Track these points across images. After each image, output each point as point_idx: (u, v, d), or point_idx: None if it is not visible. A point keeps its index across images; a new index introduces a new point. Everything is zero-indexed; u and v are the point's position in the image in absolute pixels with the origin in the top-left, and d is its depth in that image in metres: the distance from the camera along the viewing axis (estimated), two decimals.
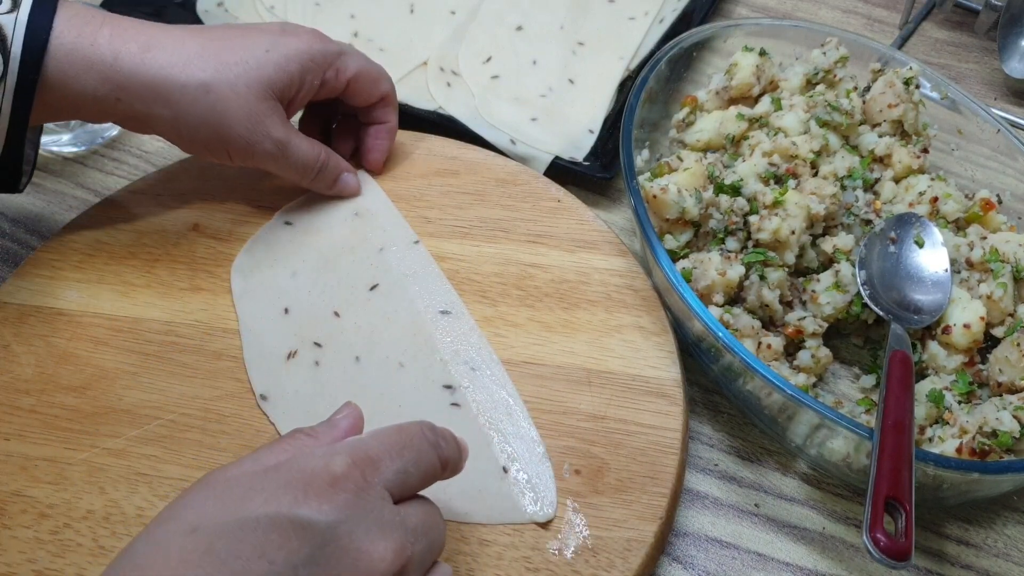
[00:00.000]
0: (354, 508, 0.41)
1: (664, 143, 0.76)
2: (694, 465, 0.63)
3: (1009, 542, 0.60)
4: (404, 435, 0.45)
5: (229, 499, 0.40)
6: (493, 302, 0.64)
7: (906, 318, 0.63)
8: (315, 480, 0.41)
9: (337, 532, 0.40)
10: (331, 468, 0.41)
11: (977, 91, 0.88)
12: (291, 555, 0.39)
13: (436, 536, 0.45)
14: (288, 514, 0.39)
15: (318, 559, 0.39)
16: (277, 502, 0.40)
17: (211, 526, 0.39)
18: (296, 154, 0.64)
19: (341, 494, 0.41)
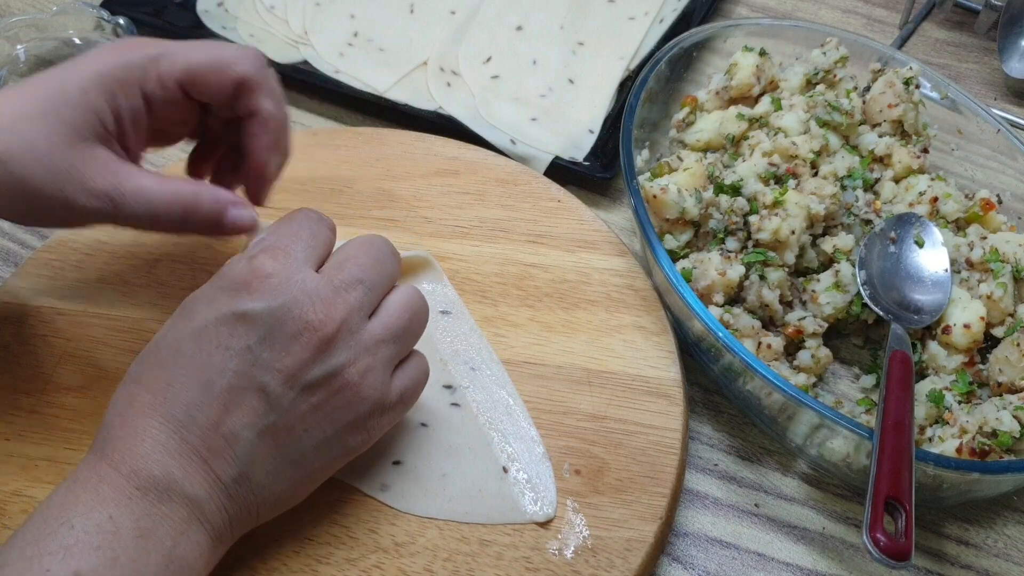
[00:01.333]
0: (283, 289, 0.47)
1: (664, 143, 0.76)
2: (694, 465, 0.63)
3: (1009, 542, 0.60)
4: (294, 221, 0.51)
5: (184, 315, 0.48)
6: (493, 302, 0.64)
7: (906, 318, 0.63)
8: (241, 278, 0.47)
9: (276, 312, 0.46)
10: (252, 265, 0.47)
11: (977, 91, 0.88)
12: (242, 339, 0.46)
13: (374, 272, 0.50)
14: (230, 310, 0.46)
15: (267, 337, 0.46)
16: (218, 304, 0.47)
17: (173, 335, 0.47)
18: (138, 203, 0.51)
19: (266, 281, 0.47)
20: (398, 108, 0.80)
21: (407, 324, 0.51)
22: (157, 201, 0.51)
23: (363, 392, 0.48)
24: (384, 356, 0.49)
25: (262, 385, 0.46)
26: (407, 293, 0.52)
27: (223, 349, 0.46)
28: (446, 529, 0.54)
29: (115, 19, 0.78)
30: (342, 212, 0.68)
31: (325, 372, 0.47)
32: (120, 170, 0.51)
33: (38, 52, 0.79)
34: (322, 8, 0.86)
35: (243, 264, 0.48)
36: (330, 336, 0.47)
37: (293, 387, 0.46)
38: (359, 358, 0.48)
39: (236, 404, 0.46)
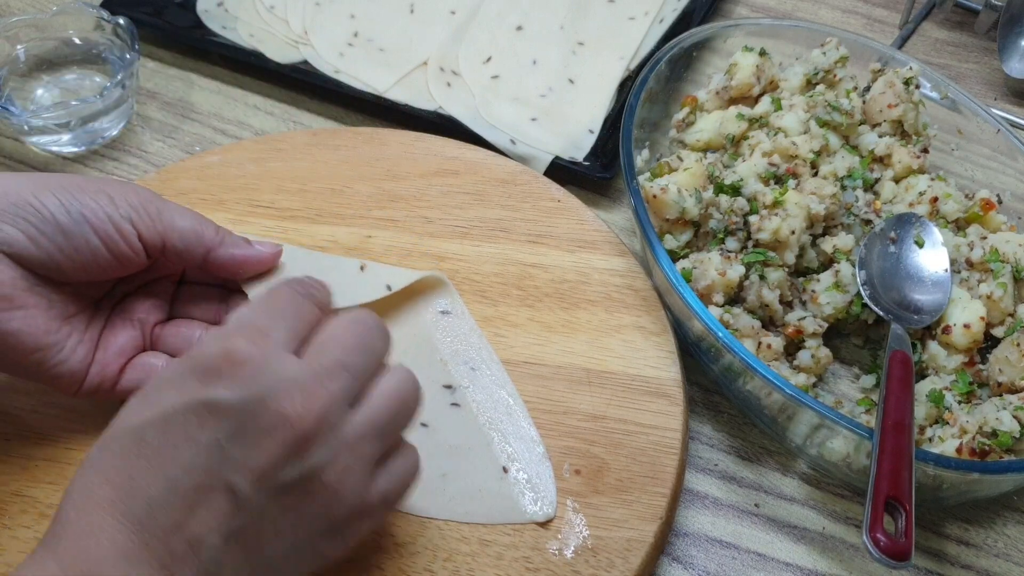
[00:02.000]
0: (258, 378, 0.42)
1: (664, 143, 0.76)
2: (694, 465, 0.63)
3: (1009, 542, 0.60)
4: (277, 298, 0.46)
5: (149, 398, 0.43)
6: (493, 302, 0.64)
7: (906, 318, 0.63)
8: (214, 362, 0.42)
9: (249, 404, 0.41)
10: (225, 348, 0.42)
11: (977, 91, 0.88)
12: (211, 432, 0.41)
13: (359, 356, 0.45)
14: (200, 398, 0.41)
15: (238, 432, 0.41)
16: (187, 389, 0.42)
17: (139, 422, 0.42)
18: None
19: (240, 368, 0.42)
20: (398, 108, 0.80)
21: (394, 416, 0.45)
22: (187, 236, 0.54)
23: (341, 495, 0.43)
24: (366, 454, 0.44)
25: (231, 485, 0.41)
26: (397, 379, 0.46)
27: (190, 442, 0.41)
28: (446, 529, 0.54)
29: (115, 19, 0.77)
30: (342, 212, 0.68)
31: (300, 473, 0.42)
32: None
33: (38, 52, 0.79)
34: (322, 8, 0.86)
35: (216, 345, 0.43)
36: (307, 432, 0.42)
37: (264, 488, 0.41)
38: (338, 457, 0.43)
39: (202, 505, 0.40)
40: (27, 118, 0.73)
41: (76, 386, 0.54)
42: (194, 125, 0.80)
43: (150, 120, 0.80)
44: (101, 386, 0.54)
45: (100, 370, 0.54)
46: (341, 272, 0.61)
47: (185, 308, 0.58)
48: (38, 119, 0.73)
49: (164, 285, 0.58)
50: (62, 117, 0.73)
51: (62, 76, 0.79)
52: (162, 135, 0.79)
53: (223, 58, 0.84)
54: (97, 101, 0.73)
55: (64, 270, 0.52)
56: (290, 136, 0.73)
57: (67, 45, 0.80)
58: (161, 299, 0.58)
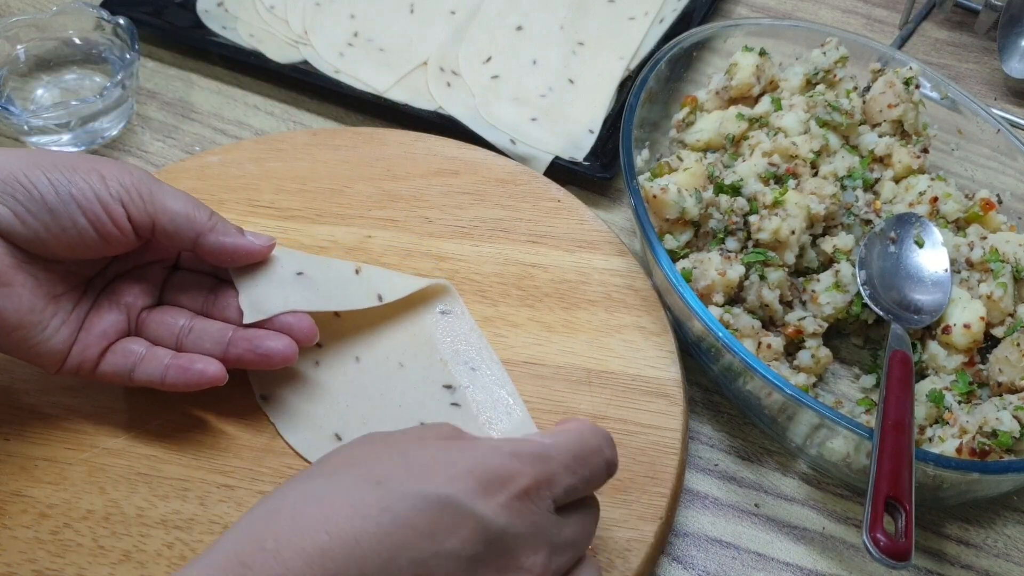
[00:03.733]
0: (524, 519, 0.42)
1: (664, 143, 0.76)
2: (694, 465, 0.63)
3: (1009, 542, 0.60)
4: (585, 449, 0.46)
5: (416, 465, 0.42)
6: (493, 302, 0.64)
7: (906, 318, 0.63)
8: (496, 481, 0.42)
9: (504, 538, 0.41)
10: (512, 470, 0.42)
11: (977, 91, 0.88)
12: (459, 545, 0.40)
13: (584, 542, 0.46)
14: (468, 504, 0.41)
15: (480, 557, 0.41)
16: (459, 487, 0.41)
17: (395, 487, 0.40)
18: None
19: (517, 503, 0.42)
20: (398, 108, 0.80)
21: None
22: (183, 215, 0.54)
23: None
24: None
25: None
26: (591, 569, 0.47)
27: (434, 542, 0.40)
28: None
29: (115, 19, 0.77)
30: (342, 212, 0.68)
31: None
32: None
33: (38, 52, 0.79)
34: (322, 8, 0.86)
35: (508, 461, 0.43)
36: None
37: None
38: None
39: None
40: (27, 118, 0.73)
41: (56, 365, 0.54)
42: (194, 125, 0.80)
43: (150, 120, 0.80)
44: (81, 367, 0.54)
45: (81, 351, 0.54)
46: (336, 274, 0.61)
47: (174, 295, 0.58)
48: (38, 119, 0.73)
49: (156, 270, 0.58)
50: (62, 117, 0.73)
51: (62, 76, 0.79)
52: (162, 135, 0.79)
53: (223, 58, 0.84)
54: (97, 101, 0.73)
55: (51, 248, 0.52)
56: (290, 136, 0.73)
57: (67, 45, 0.80)
58: (151, 284, 0.57)
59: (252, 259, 0.57)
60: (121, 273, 0.57)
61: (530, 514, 0.42)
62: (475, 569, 0.41)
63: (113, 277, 0.57)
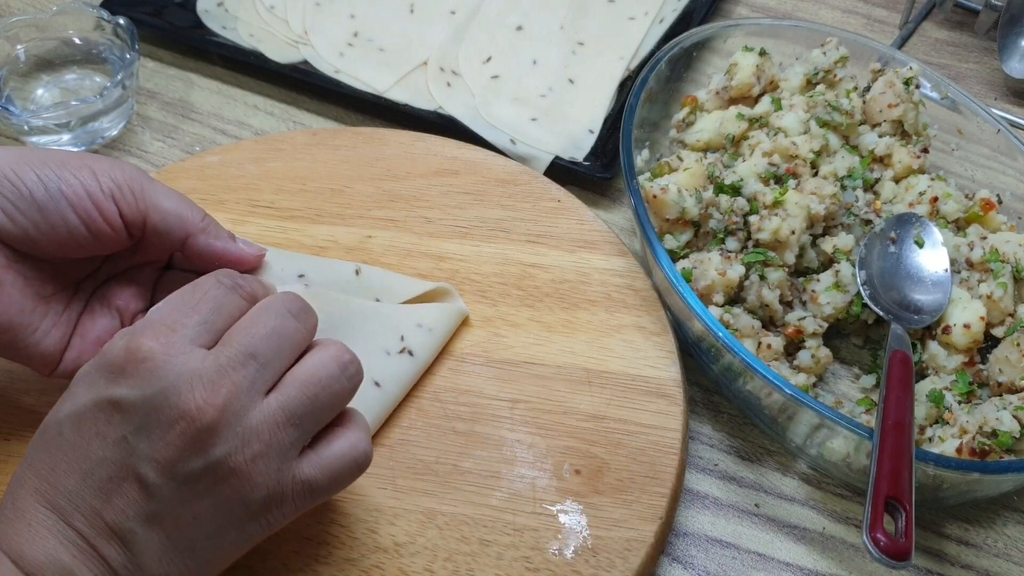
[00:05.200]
0: (158, 374, 0.43)
1: (664, 143, 0.76)
2: (694, 465, 0.63)
3: (1009, 542, 0.60)
4: (198, 291, 0.47)
5: (68, 394, 0.45)
6: (493, 302, 0.64)
7: (906, 318, 0.63)
8: (117, 360, 0.44)
9: (151, 400, 0.43)
10: (129, 346, 0.43)
11: (977, 91, 0.88)
12: (118, 428, 0.43)
13: (269, 343, 0.45)
14: (106, 395, 0.43)
15: (143, 427, 0.43)
16: (96, 387, 0.44)
17: (58, 416, 0.45)
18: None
19: (141, 365, 0.43)
20: (398, 108, 0.80)
21: (310, 402, 0.45)
22: (178, 214, 0.54)
23: (254, 480, 0.44)
24: (280, 441, 0.44)
25: (140, 476, 0.43)
26: (318, 361, 0.46)
27: (100, 437, 0.43)
28: (446, 529, 0.54)
29: (115, 19, 0.77)
30: (342, 212, 0.68)
31: (205, 463, 0.43)
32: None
33: (38, 52, 0.79)
34: (322, 8, 0.86)
35: (122, 343, 0.44)
36: (210, 424, 0.42)
37: (173, 477, 0.43)
38: (247, 444, 0.43)
39: (116, 493, 0.43)
40: (27, 118, 0.73)
41: (50, 368, 0.54)
42: (194, 125, 0.80)
43: (150, 120, 0.80)
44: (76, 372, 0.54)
45: (76, 356, 0.54)
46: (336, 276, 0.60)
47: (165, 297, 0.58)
48: (38, 119, 0.73)
49: (148, 272, 0.58)
50: (62, 117, 0.73)
51: (62, 76, 0.80)
52: (162, 135, 0.79)
53: (223, 58, 0.84)
54: (97, 101, 0.73)
55: (41, 246, 0.51)
56: (290, 136, 0.73)
57: (67, 45, 0.80)
58: (143, 286, 0.57)
59: (241, 267, 0.56)
60: (112, 275, 0.57)
61: (163, 367, 0.43)
62: (148, 437, 0.43)
63: (104, 279, 0.57)
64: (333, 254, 0.66)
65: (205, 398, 0.43)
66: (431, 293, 0.63)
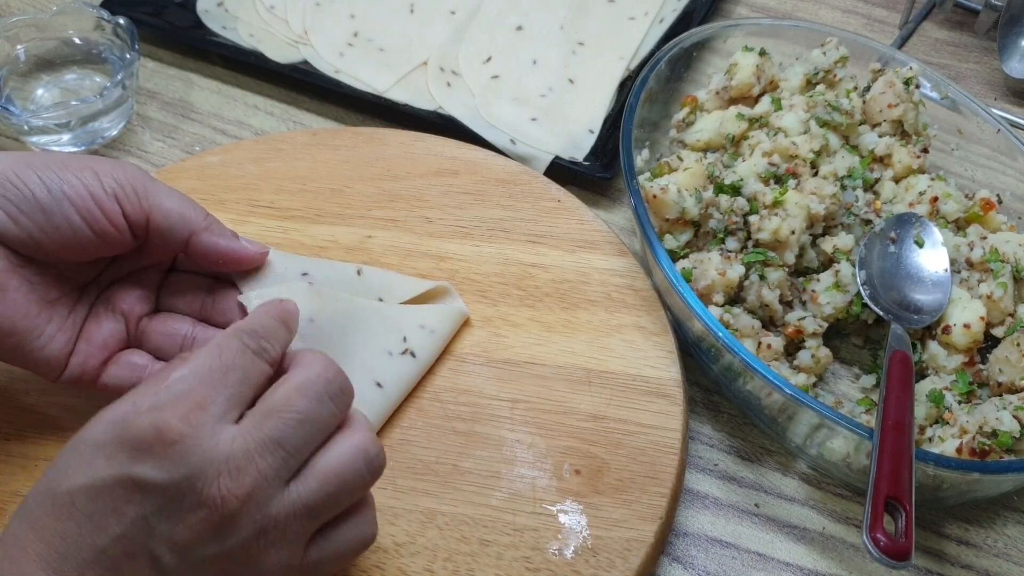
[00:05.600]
0: (186, 458, 0.41)
1: (664, 143, 0.76)
2: (694, 465, 0.63)
3: (1009, 542, 0.60)
4: (224, 358, 0.44)
5: (81, 459, 0.42)
6: (493, 302, 0.64)
7: (906, 318, 0.63)
8: (144, 438, 0.41)
9: (177, 485, 0.41)
10: (158, 426, 0.42)
11: (977, 91, 0.88)
12: (138, 508, 0.41)
13: (300, 432, 0.43)
14: (129, 473, 0.41)
15: (164, 509, 0.41)
16: (117, 462, 0.42)
17: (69, 484, 0.42)
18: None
19: (170, 449, 0.41)
20: (398, 108, 0.80)
21: (330, 496, 0.44)
22: (180, 214, 0.54)
23: (263, 565, 0.43)
24: (295, 531, 0.44)
25: (155, 556, 0.42)
26: (346, 454, 0.45)
27: (117, 514, 0.41)
28: (446, 529, 0.54)
29: (115, 19, 0.77)
30: (342, 212, 0.68)
31: (220, 549, 0.42)
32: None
33: (38, 52, 0.79)
34: (322, 8, 0.86)
35: (149, 419, 0.42)
36: (231, 514, 0.42)
37: (187, 560, 0.42)
38: (263, 535, 0.43)
39: (128, 570, 0.42)
40: (27, 118, 0.73)
41: (56, 373, 0.53)
42: (194, 125, 0.80)
43: (150, 120, 0.80)
44: (82, 377, 0.54)
45: (82, 361, 0.54)
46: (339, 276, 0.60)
47: (171, 299, 0.57)
48: (38, 119, 0.73)
49: (152, 274, 0.57)
50: (62, 117, 0.73)
51: (62, 76, 0.79)
52: (162, 135, 0.79)
53: (223, 58, 0.84)
54: (97, 101, 0.73)
55: (46, 249, 0.51)
56: (290, 136, 0.73)
57: (67, 45, 0.80)
58: (148, 289, 0.57)
59: (244, 265, 0.56)
60: (117, 278, 0.57)
61: (191, 449, 0.41)
62: (168, 519, 0.41)
63: (109, 283, 0.56)
64: (333, 254, 0.66)
65: (230, 488, 0.42)
66: (431, 292, 0.63)
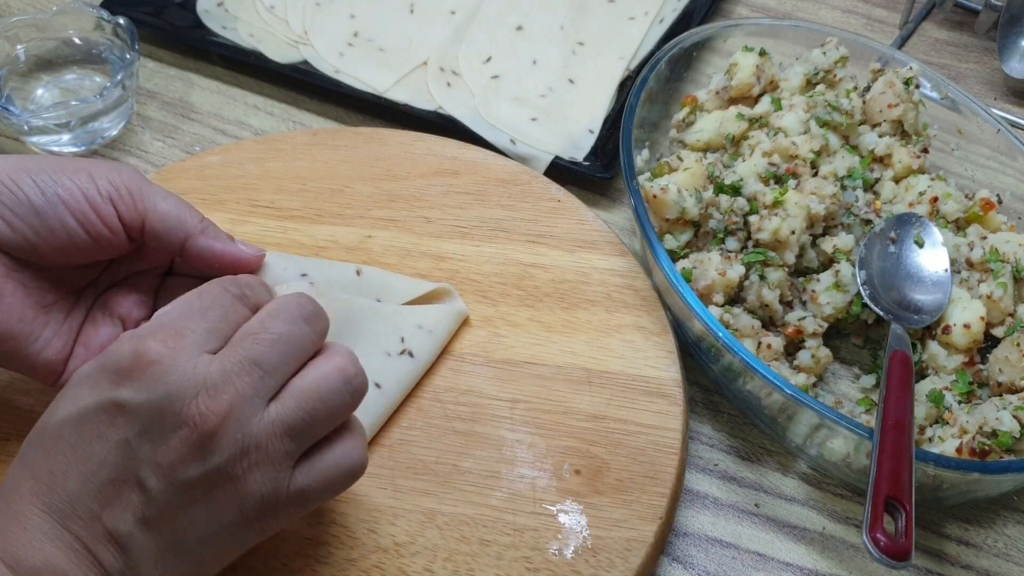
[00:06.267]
0: (164, 379, 0.43)
1: (664, 143, 0.76)
2: (694, 465, 0.63)
3: (1009, 542, 0.60)
4: (205, 298, 0.46)
5: (69, 395, 0.44)
6: (493, 302, 0.64)
7: (906, 318, 0.63)
8: (124, 363, 0.43)
9: (155, 404, 0.42)
10: (137, 349, 0.43)
11: (977, 91, 0.88)
12: (121, 431, 0.43)
13: (275, 350, 0.44)
14: (110, 397, 0.43)
15: (146, 431, 0.42)
16: (99, 388, 0.43)
17: (57, 418, 0.44)
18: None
19: (148, 369, 0.43)
20: (398, 108, 0.80)
21: (310, 414, 0.44)
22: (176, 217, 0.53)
23: (249, 488, 0.44)
24: (278, 451, 0.44)
25: (140, 479, 0.43)
26: (323, 373, 0.45)
27: (101, 439, 0.43)
28: (446, 529, 0.54)
29: (115, 19, 0.77)
30: (342, 212, 0.68)
31: (204, 470, 0.43)
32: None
33: (38, 52, 0.79)
34: (322, 8, 0.86)
35: (129, 345, 0.43)
36: (211, 431, 0.42)
37: (172, 483, 0.43)
38: (245, 454, 0.43)
39: (115, 496, 0.43)
40: (27, 118, 0.73)
41: (53, 378, 0.54)
42: (194, 125, 0.80)
43: (150, 120, 0.80)
44: None
45: (79, 365, 0.53)
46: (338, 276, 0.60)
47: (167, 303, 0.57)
48: (38, 119, 0.73)
49: (148, 279, 0.57)
50: (62, 117, 0.73)
51: (62, 76, 0.80)
52: (162, 135, 0.79)
53: (223, 58, 0.84)
54: (97, 101, 0.73)
55: (42, 253, 0.51)
56: (290, 136, 0.73)
57: (67, 45, 0.80)
58: (144, 294, 0.57)
59: (241, 268, 0.56)
60: (114, 282, 0.57)
61: (169, 372, 0.43)
62: (150, 441, 0.42)
63: (106, 287, 0.56)
64: (333, 254, 0.66)
65: (208, 405, 0.43)
66: (433, 293, 0.63)
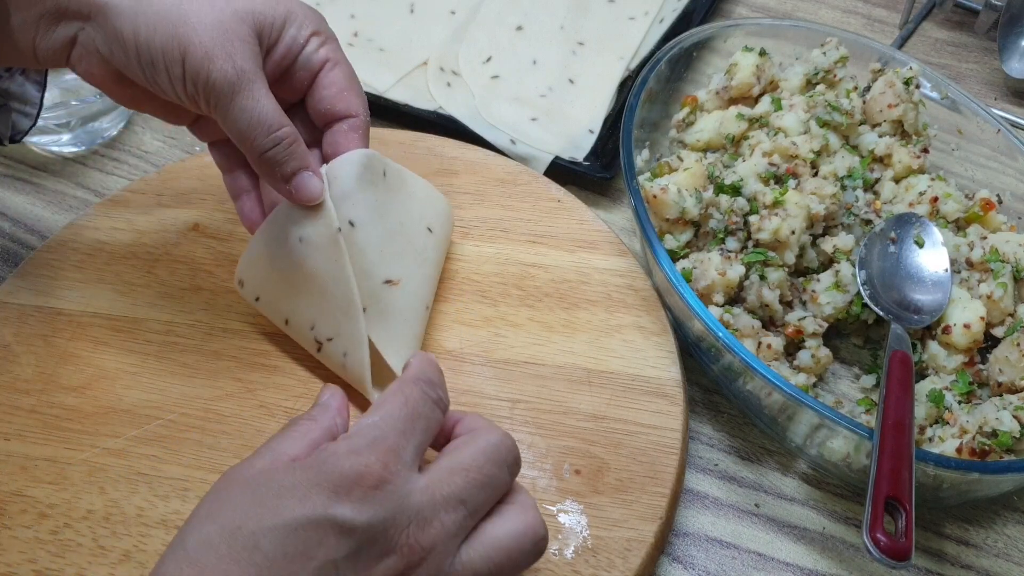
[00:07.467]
0: (386, 503, 0.42)
1: (664, 143, 0.76)
2: (694, 465, 0.63)
3: (1009, 542, 0.60)
4: (410, 407, 0.46)
5: (264, 498, 0.42)
6: (493, 302, 0.64)
7: (906, 318, 0.63)
8: (345, 480, 0.42)
9: (373, 528, 0.42)
10: (357, 468, 0.42)
11: (977, 91, 0.88)
12: (330, 551, 0.41)
13: (481, 493, 0.45)
14: (325, 514, 0.41)
15: (355, 553, 0.41)
16: (312, 503, 0.41)
17: (254, 526, 0.41)
18: (255, 105, 0.52)
19: (374, 492, 0.42)
20: (398, 108, 0.80)
21: (495, 568, 0.45)
22: (267, 112, 0.52)
23: None
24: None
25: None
26: (517, 528, 0.45)
27: (306, 558, 0.41)
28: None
29: None
30: None
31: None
32: (259, 72, 0.52)
33: None
34: (322, 8, 0.86)
35: (349, 462, 0.42)
36: (414, 564, 0.43)
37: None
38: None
39: None
40: None
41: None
42: None
43: (150, 120, 0.80)
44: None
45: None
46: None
47: None
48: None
49: None
50: (62, 117, 0.73)
51: (62, 76, 0.79)
52: (162, 135, 0.79)
53: None
54: (97, 101, 0.73)
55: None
56: None
57: None
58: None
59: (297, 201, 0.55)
60: None
61: (387, 495, 0.42)
62: (355, 566, 0.41)
63: None
64: None
65: (417, 537, 0.43)
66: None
